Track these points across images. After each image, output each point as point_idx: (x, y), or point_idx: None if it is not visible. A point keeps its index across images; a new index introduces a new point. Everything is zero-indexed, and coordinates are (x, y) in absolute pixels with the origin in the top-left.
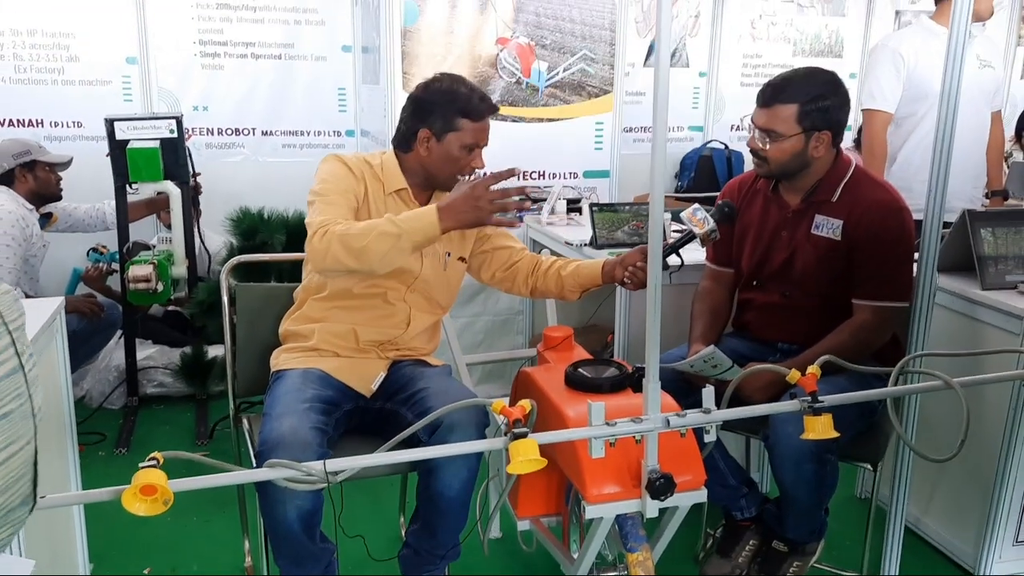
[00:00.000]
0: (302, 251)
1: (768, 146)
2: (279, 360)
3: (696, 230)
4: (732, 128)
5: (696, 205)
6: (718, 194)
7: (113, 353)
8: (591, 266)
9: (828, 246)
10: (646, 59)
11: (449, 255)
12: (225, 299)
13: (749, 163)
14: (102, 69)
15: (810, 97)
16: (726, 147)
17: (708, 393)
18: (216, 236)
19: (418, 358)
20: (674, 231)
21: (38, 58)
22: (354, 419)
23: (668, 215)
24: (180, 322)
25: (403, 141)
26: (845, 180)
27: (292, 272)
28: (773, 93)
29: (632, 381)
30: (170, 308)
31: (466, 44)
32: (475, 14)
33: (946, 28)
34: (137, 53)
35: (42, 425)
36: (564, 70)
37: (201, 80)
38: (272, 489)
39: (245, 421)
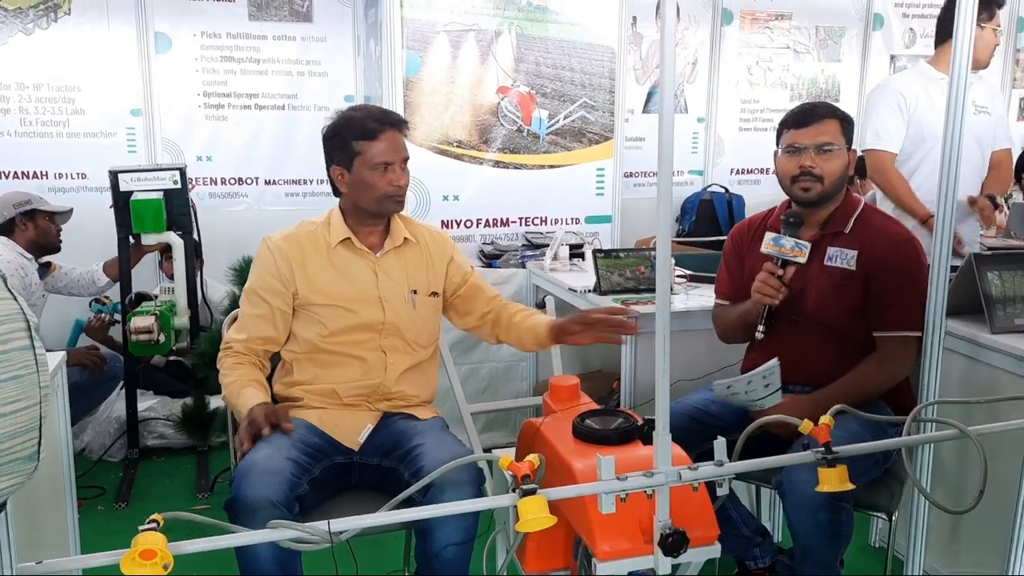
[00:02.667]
0: None
1: (826, 162)
2: None
3: (799, 259)
4: (732, 172)
5: (772, 236)
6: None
7: (114, 404)
8: (538, 327)
9: (843, 276)
10: (645, 105)
11: (416, 292)
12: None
13: (751, 207)
14: (107, 121)
15: (843, 115)
16: (726, 191)
17: (720, 445)
18: (219, 285)
19: (409, 411)
20: (678, 276)
21: (43, 111)
22: (353, 475)
23: (673, 260)
24: (182, 372)
25: (333, 189)
26: (857, 212)
27: None
28: (815, 111)
29: (642, 433)
30: (172, 358)
31: (467, 93)
32: (476, 64)
33: (944, 73)
34: (142, 105)
35: (41, 482)
36: (565, 117)
37: (205, 131)
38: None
39: None
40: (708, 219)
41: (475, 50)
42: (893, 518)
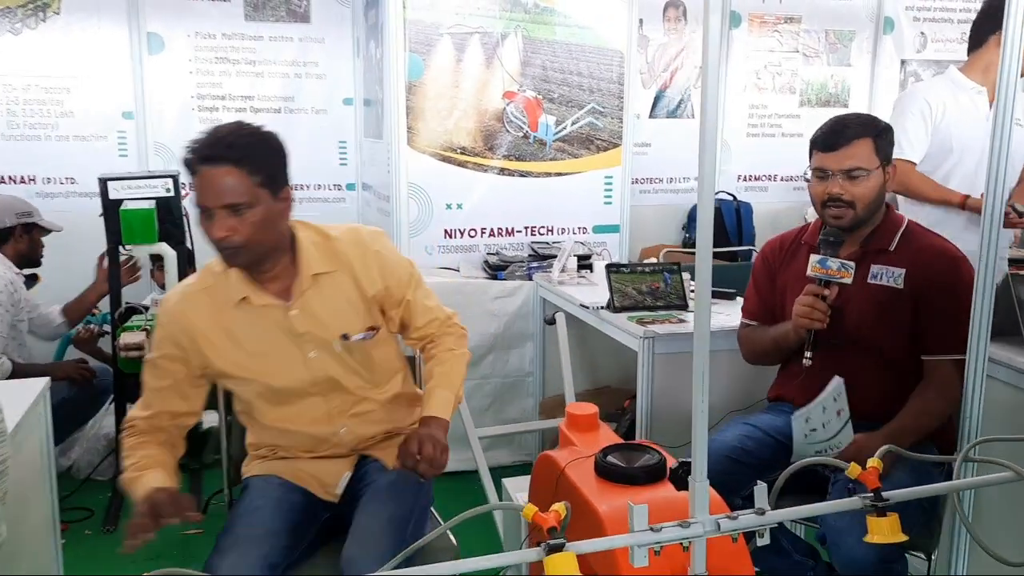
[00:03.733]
0: None
1: (856, 187)
2: (247, 468)
3: (845, 280)
4: (739, 179)
5: (818, 259)
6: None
7: (103, 420)
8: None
9: (889, 295)
10: (651, 110)
11: (346, 337)
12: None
13: (759, 214)
14: (97, 124)
15: (880, 130)
16: (734, 198)
17: (761, 491)
18: None
19: (378, 455)
20: (692, 291)
21: (32, 113)
22: (336, 525)
23: (687, 274)
24: None
25: None
26: (902, 230)
27: None
28: (844, 132)
29: (675, 478)
30: None
31: (472, 98)
32: (481, 68)
33: (976, 82)
34: (133, 107)
35: (24, 511)
36: (572, 124)
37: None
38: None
39: None
40: (716, 227)
41: (480, 53)
42: (933, 557)
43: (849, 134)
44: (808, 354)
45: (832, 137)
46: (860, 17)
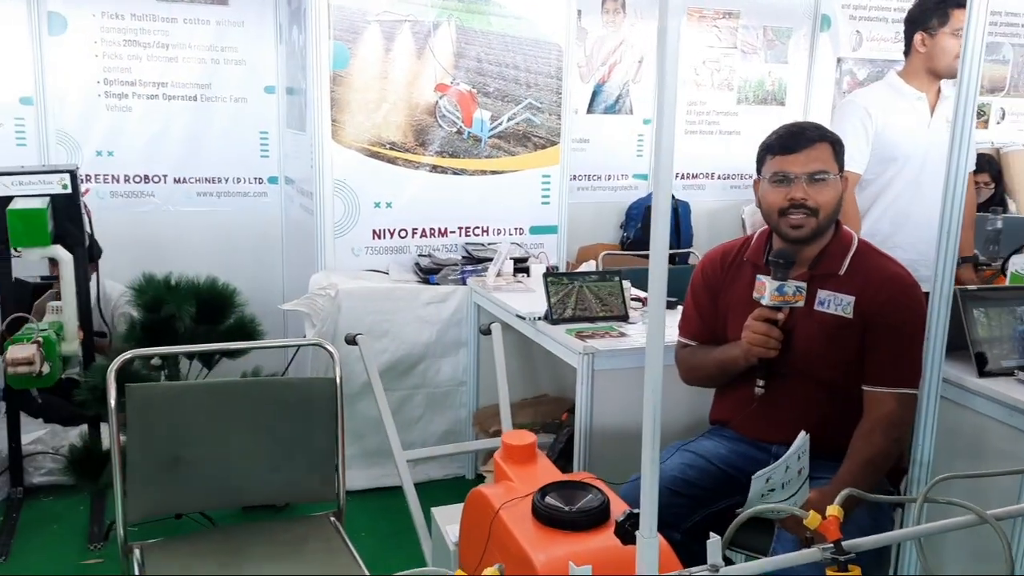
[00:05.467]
0: (216, 324)
1: (820, 192)
2: None
3: (798, 303)
4: (677, 176)
5: (764, 280)
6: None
7: None
8: None
9: (838, 325)
10: (589, 105)
11: None
12: (112, 403)
13: (697, 213)
14: None
15: (834, 137)
16: (672, 197)
17: (714, 544)
18: (116, 284)
19: None
20: (633, 299)
21: None
22: None
23: (628, 282)
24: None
25: None
26: (852, 251)
27: (206, 360)
28: (805, 134)
29: (622, 531)
30: (65, 376)
31: (402, 91)
32: (412, 59)
33: (915, 88)
34: (33, 93)
35: None
36: (508, 119)
37: (106, 122)
38: None
39: (137, 552)
40: None
41: (411, 43)
42: None
43: (810, 136)
44: (760, 382)
45: (791, 140)
46: (798, 14)
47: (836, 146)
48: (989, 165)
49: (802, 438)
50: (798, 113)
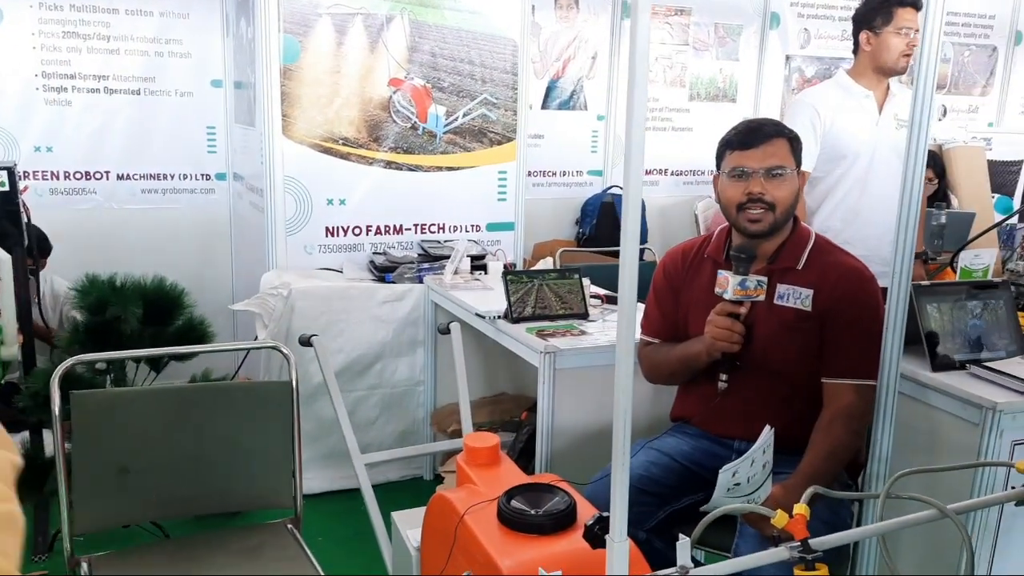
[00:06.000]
0: (163, 325)
1: (778, 187)
2: None
3: (759, 297)
4: None
5: (726, 275)
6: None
7: None
8: None
9: (796, 318)
10: (544, 101)
11: None
12: (56, 411)
13: (652, 209)
14: None
15: (791, 134)
16: None
17: (683, 546)
18: (62, 280)
19: None
20: (593, 295)
21: None
22: None
23: (587, 280)
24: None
25: None
26: (810, 245)
27: (154, 363)
28: (762, 129)
29: (590, 535)
30: (4, 381)
31: (355, 85)
32: (364, 53)
33: (863, 87)
34: None
35: None
36: (464, 115)
37: (44, 117)
38: None
39: (84, 565)
40: (610, 221)
41: (363, 37)
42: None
43: (768, 131)
44: (724, 377)
45: (749, 135)
46: (747, 11)
47: (794, 142)
48: (932, 161)
49: (767, 433)
50: (749, 110)
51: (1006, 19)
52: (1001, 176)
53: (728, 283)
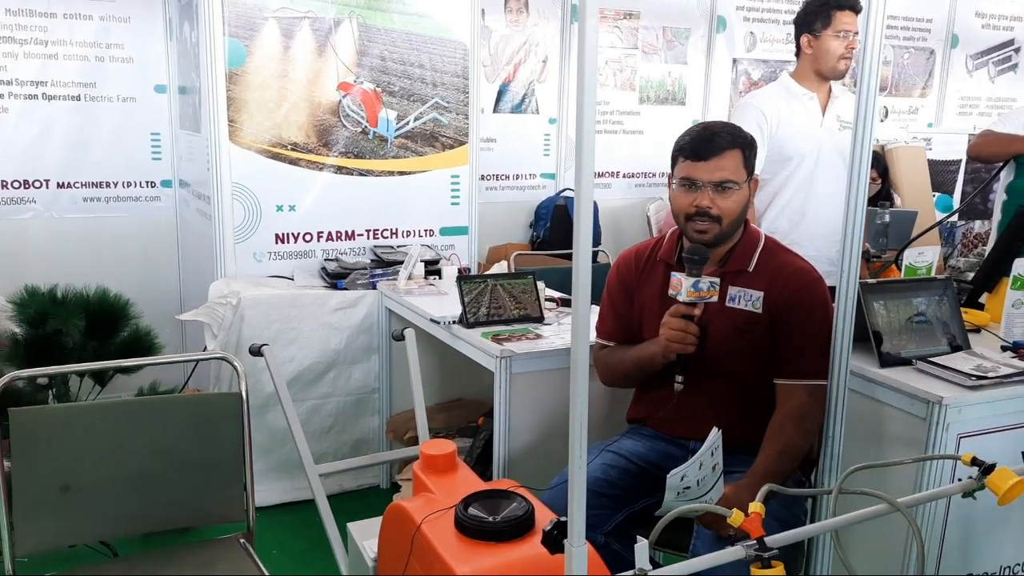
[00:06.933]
0: (107, 338)
1: (725, 201)
2: None
3: (712, 298)
4: None
5: (679, 277)
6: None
7: None
8: None
9: (747, 320)
10: (495, 105)
11: None
12: None
13: (605, 211)
14: None
15: (747, 142)
16: None
17: (641, 548)
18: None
19: None
20: (548, 298)
21: None
22: None
23: (542, 283)
24: None
25: None
26: (760, 248)
27: (98, 377)
28: (715, 140)
29: (549, 540)
30: None
31: (303, 90)
32: (313, 57)
33: (807, 89)
34: None
35: None
36: (415, 119)
37: None
38: None
39: None
40: (563, 225)
41: (311, 41)
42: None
43: (720, 143)
44: (679, 379)
45: (701, 146)
46: (695, 15)
47: (747, 150)
48: (876, 161)
49: (714, 434)
50: (697, 112)
51: (942, 23)
52: (941, 175)
53: (682, 285)
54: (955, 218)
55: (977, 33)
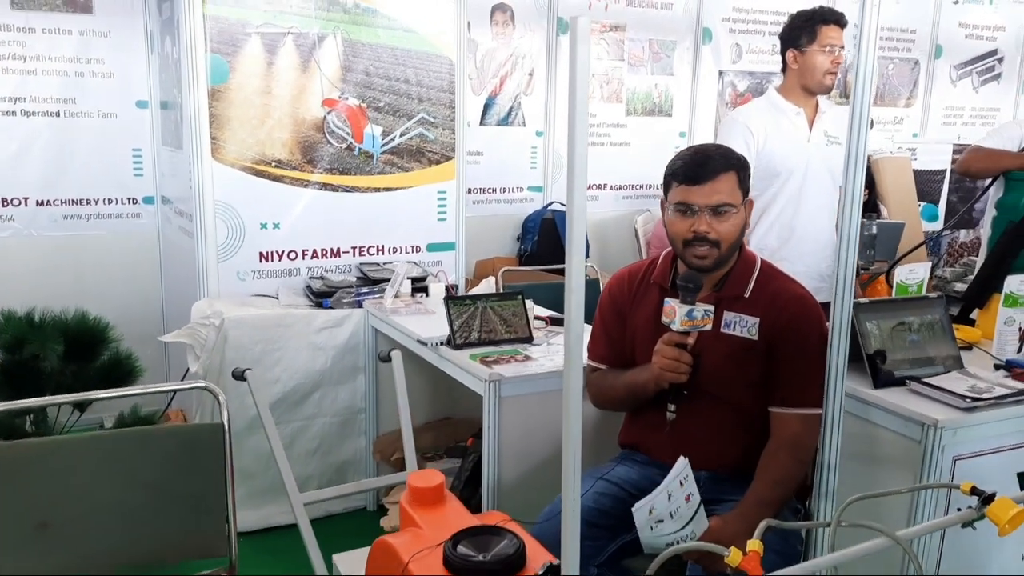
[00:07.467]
0: (89, 362)
1: (723, 225)
2: None
3: (706, 327)
4: None
5: (672, 305)
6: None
7: None
8: None
9: (743, 346)
10: (482, 118)
11: None
12: None
13: (593, 223)
14: None
15: (741, 163)
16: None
17: None
18: None
19: None
20: (537, 317)
21: None
22: None
23: (531, 301)
24: None
25: None
26: (755, 274)
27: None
28: (709, 164)
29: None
30: None
31: (287, 106)
32: (296, 73)
33: (794, 104)
34: None
35: None
36: (401, 135)
37: None
38: None
39: None
40: (551, 238)
41: (295, 56)
42: None
43: (714, 166)
44: (672, 408)
45: (696, 169)
46: (680, 27)
47: (742, 172)
48: None
49: (681, 464)
50: (684, 124)
51: (926, 33)
52: (926, 185)
53: (675, 313)
54: (940, 227)
55: (961, 43)
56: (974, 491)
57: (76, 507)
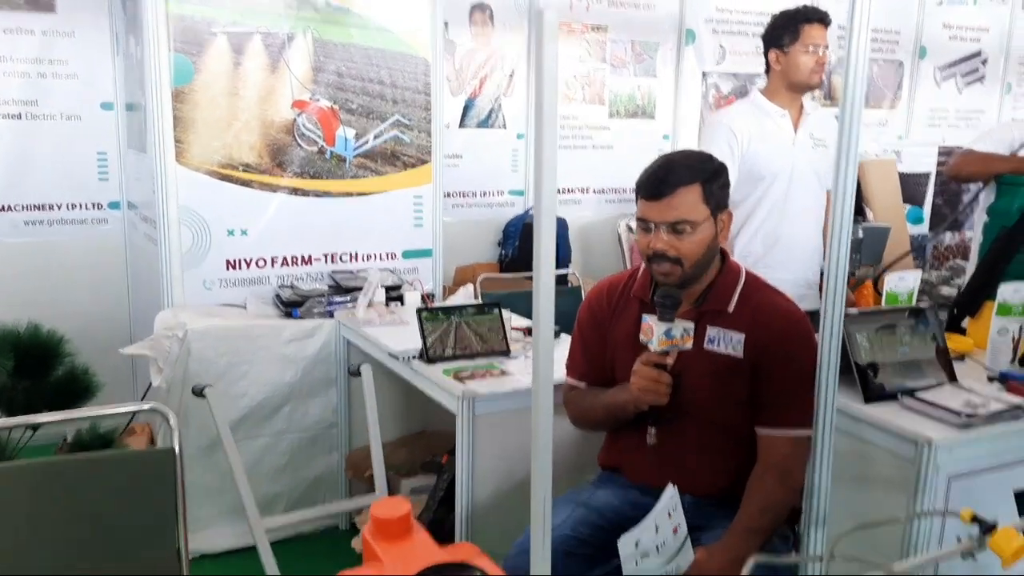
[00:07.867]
0: (39, 378)
1: (682, 242)
2: None
3: (686, 346)
4: None
5: (650, 323)
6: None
7: None
8: None
9: (728, 364)
10: (461, 120)
11: None
12: None
13: (575, 228)
14: None
15: (710, 173)
16: None
17: None
18: None
19: None
20: (515, 327)
21: None
22: None
23: (508, 312)
24: None
25: None
26: (740, 287)
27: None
28: (668, 179)
29: None
30: None
31: (255, 108)
32: (265, 74)
33: (778, 106)
34: None
35: None
36: (375, 137)
37: None
38: None
39: None
40: (532, 243)
41: (263, 57)
42: None
43: (673, 180)
44: (652, 431)
45: (656, 185)
46: (663, 28)
47: (710, 183)
48: None
49: (669, 494)
50: (668, 126)
51: (911, 34)
52: (911, 187)
53: (653, 332)
54: (925, 230)
55: (945, 44)
56: (975, 519)
57: (18, 538)
